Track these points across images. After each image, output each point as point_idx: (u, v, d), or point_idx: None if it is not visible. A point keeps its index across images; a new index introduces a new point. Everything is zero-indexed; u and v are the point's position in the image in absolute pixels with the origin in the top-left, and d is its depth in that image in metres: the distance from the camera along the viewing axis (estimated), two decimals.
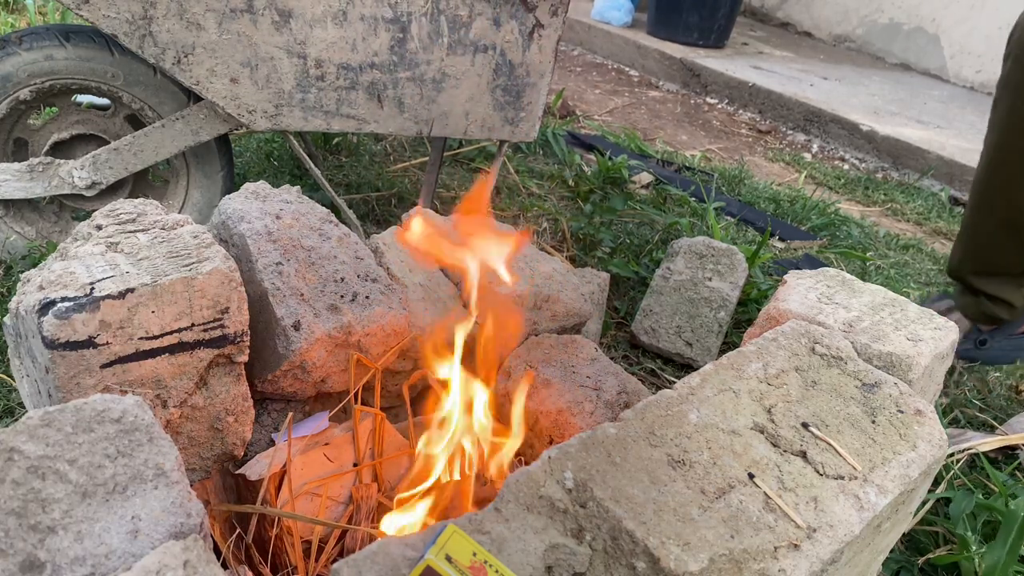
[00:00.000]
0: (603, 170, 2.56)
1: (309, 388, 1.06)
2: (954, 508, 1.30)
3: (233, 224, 1.10)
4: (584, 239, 2.15)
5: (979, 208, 1.69)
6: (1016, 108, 1.55)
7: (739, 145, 3.63)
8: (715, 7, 4.50)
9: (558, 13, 1.60)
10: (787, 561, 0.67)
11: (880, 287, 1.11)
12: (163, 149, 1.55)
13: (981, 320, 1.82)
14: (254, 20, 1.41)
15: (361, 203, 2.18)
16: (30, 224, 1.62)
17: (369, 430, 1.07)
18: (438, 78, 1.58)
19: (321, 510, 1.00)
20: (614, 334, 1.83)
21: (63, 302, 0.81)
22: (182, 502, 0.67)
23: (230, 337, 0.93)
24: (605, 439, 0.75)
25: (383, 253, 1.22)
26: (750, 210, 2.68)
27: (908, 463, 0.81)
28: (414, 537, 0.68)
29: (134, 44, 1.37)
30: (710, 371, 0.88)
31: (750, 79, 4.13)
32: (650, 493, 0.70)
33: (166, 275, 0.87)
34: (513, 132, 1.71)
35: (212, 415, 0.97)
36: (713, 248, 1.87)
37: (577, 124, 3.40)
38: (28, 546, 0.60)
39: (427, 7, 1.50)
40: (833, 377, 0.91)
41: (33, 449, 0.65)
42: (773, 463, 0.77)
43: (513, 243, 1.08)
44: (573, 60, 4.66)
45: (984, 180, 1.67)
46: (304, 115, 1.53)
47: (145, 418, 0.71)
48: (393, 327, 1.06)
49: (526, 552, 0.66)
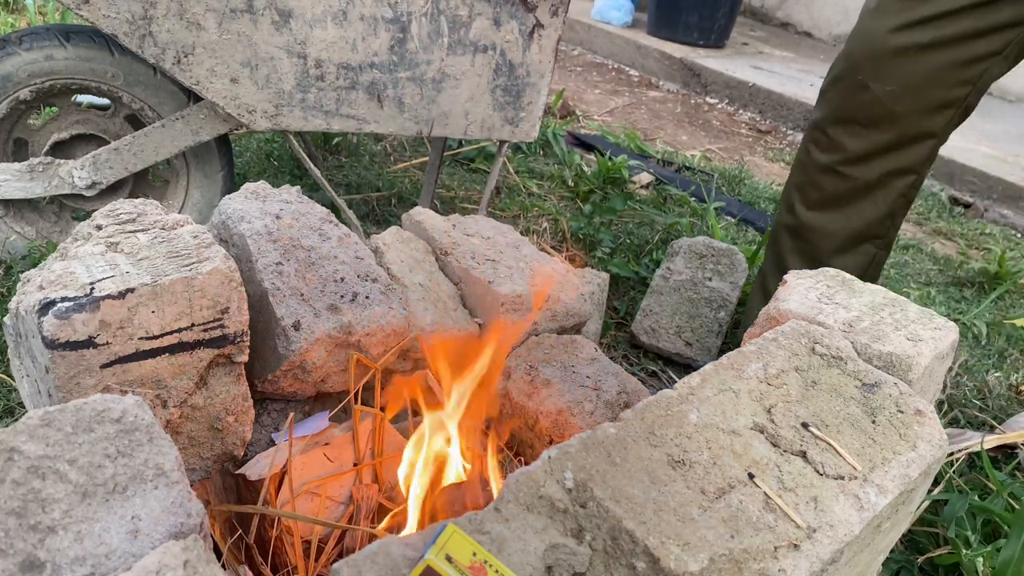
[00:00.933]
0: (603, 170, 2.57)
1: (309, 388, 1.06)
2: (948, 511, 1.29)
3: (233, 224, 1.10)
4: (584, 239, 2.15)
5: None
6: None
7: (739, 145, 3.63)
8: (715, 7, 4.50)
9: (558, 13, 1.60)
10: (787, 561, 0.67)
11: (880, 287, 1.11)
12: (163, 149, 1.55)
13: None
14: (254, 20, 1.41)
15: (361, 203, 2.18)
16: (30, 224, 1.62)
17: (369, 430, 1.07)
18: (438, 78, 1.58)
19: (321, 510, 1.00)
20: (614, 334, 1.83)
21: (63, 302, 0.81)
22: (182, 502, 0.67)
23: (230, 337, 0.93)
24: (605, 439, 0.75)
25: (383, 253, 1.22)
26: (750, 210, 2.68)
27: (908, 463, 0.81)
28: (414, 537, 0.68)
29: (134, 44, 1.37)
30: (710, 371, 0.88)
31: (750, 79, 4.13)
32: (650, 493, 0.70)
33: (166, 275, 0.87)
34: (513, 132, 1.71)
35: (212, 415, 0.97)
36: (713, 248, 1.87)
37: (577, 124, 3.40)
38: (28, 546, 0.60)
39: (427, 7, 1.50)
40: (833, 377, 0.91)
41: (33, 449, 0.65)
42: (773, 463, 0.77)
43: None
44: (573, 60, 4.66)
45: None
46: (304, 115, 1.53)
47: (145, 418, 0.71)
48: (393, 327, 1.06)
49: (526, 552, 0.66)
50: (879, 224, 1.45)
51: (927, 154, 1.39)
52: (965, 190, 3.31)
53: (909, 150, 1.38)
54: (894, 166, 1.39)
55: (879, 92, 1.32)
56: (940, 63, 1.28)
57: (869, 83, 1.32)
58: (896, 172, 1.40)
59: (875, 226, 1.45)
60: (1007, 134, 3.83)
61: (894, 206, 1.44)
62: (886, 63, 1.30)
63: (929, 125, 1.35)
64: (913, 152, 1.38)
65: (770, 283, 1.57)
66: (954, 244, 2.83)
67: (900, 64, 1.30)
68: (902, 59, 1.29)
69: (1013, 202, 3.20)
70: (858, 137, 1.38)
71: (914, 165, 1.40)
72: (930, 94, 1.31)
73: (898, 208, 1.45)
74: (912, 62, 1.29)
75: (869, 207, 1.43)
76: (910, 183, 1.42)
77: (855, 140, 1.38)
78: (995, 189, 3.24)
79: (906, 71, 1.30)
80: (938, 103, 1.32)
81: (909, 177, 1.41)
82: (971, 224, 3.02)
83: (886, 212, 1.44)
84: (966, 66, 1.29)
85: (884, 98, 1.32)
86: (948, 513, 1.28)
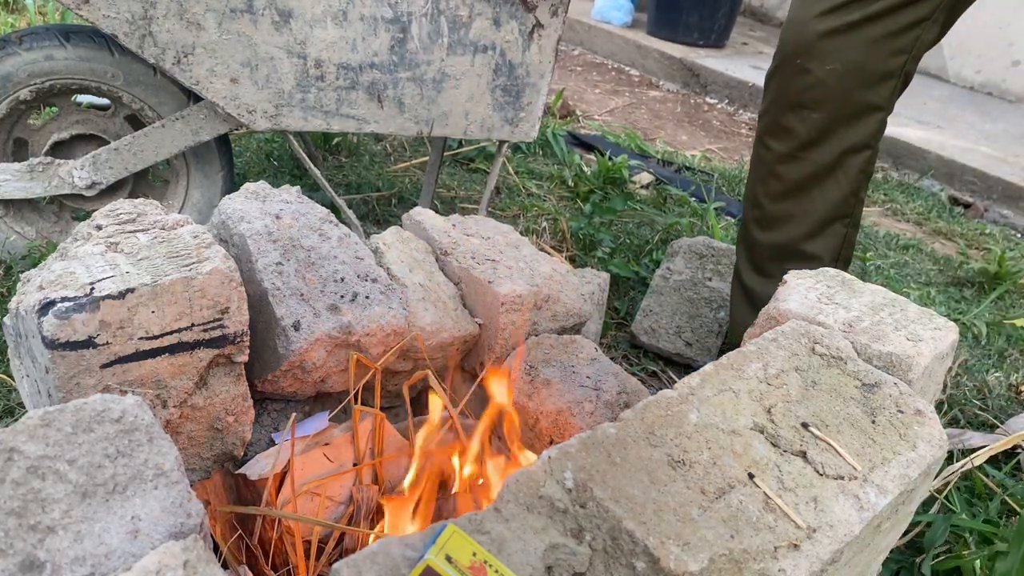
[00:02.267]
0: (603, 170, 2.56)
1: (309, 388, 1.06)
2: (928, 537, 1.27)
3: (233, 224, 1.10)
4: (584, 239, 2.15)
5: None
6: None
7: (739, 145, 3.63)
8: (715, 7, 4.50)
9: (558, 13, 1.60)
10: (787, 561, 0.67)
11: (880, 287, 1.11)
12: (163, 149, 1.55)
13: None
14: (254, 20, 1.41)
15: (361, 203, 2.18)
16: (30, 224, 1.62)
17: (369, 430, 1.07)
18: (438, 78, 1.58)
19: (320, 510, 1.00)
20: (614, 334, 1.83)
21: (63, 302, 0.81)
22: (182, 502, 0.67)
23: (230, 337, 0.93)
24: (605, 439, 0.75)
25: (383, 253, 1.22)
26: None
27: (908, 463, 0.81)
28: (414, 537, 0.68)
29: (134, 44, 1.37)
30: (710, 371, 0.88)
31: (750, 79, 4.13)
32: (650, 493, 0.70)
33: (166, 275, 0.87)
34: (513, 132, 1.71)
35: (212, 415, 0.97)
36: (713, 248, 1.87)
37: (577, 124, 3.40)
38: (28, 546, 0.60)
39: (427, 7, 1.50)
40: (833, 377, 0.91)
41: (33, 449, 0.65)
42: (773, 463, 0.77)
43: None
44: (573, 60, 4.66)
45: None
46: (304, 115, 1.53)
47: (145, 418, 0.71)
48: (393, 327, 1.06)
49: (526, 552, 0.66)
50: (844, 203, 1.47)
51: (877, 127, 1.42)
52: (965, 190, 3.31)
53: (859, 126, 1.40)
54: (848, 144, 1.41)
55: (819, 73, 1.35)
56: (872, 36, 1.32)
57: (808, 65, 1.36)
58: (851, 150, 1.42)
59: (840, 206, 1.47)
60: (1007, 134, 3.83)
61: (855, 183, 1.46)
62: (820, 46, 1.34)
63: (874, 98, 1.38)
64: (864, 127, 1.41)
65: (746, 279, 1.59)
66: (954, 244, 2.83)
67: (833, 44, 1.33)
68: (834, 40, 1.33)
69: (1013, 202, 3.20)
70: (808, 121, 1.40)
71: (867, 140, 1.42)
72: (869, 68, 1.34)
73: (859, 184, 1.47)
74: (845, 40, 1.32)
75: (832, 188, 1.46)
76: (867, 158, 1.45)
77: (805, 124, 1.40)
78: (995, 189, 3.24)
79: (841, 49, 1.33)
80: (879, 75, 1.35)
81: (865, 153, 1.44)
82: (971, 224, 3.02)
83: (849, 191, 1.46)
84: (898, 35, 1.32)
85: (826, 78, 1.35)
86: (928, 540, 1.26)
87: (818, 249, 1.49)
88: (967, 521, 1.28)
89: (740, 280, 1.60)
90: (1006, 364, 1.95)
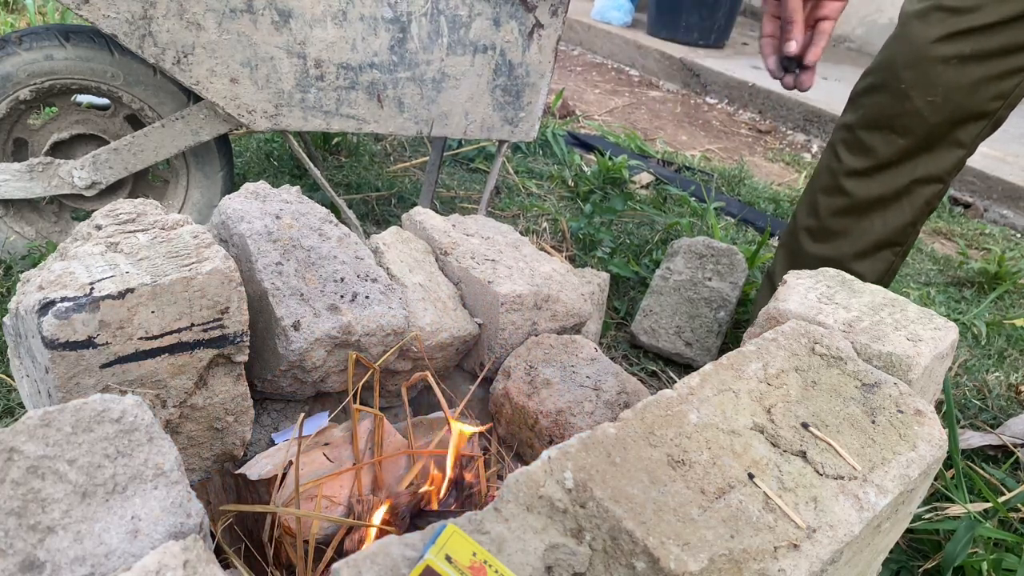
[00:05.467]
0: (603, 170, 2.57)
1: (309, 388, 1.06)
2: (949, 549, 1.24)
3: (233, 224, 1.10)
4: (584, 239, 2.15)
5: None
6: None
7: (739, 145, 3.63)
8: (715, 7, 4.50)
9: (558, 13, 1.60)
10: (787, 561, 0.67)
11: (880, 287, 1.11)
12: (163, 149, 1.55)
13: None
14: (254, 20, 1.41)
15: (361, 203, 2.18)
16: (30, 224, 1.62)
17: (369, 430, 1.07)
18: (438, 78, 1.58)
19: (319, 510, 0.99)
20: (614, 334, 1.83)
21: (63, 302, 0.81)
22: (182, 502, 0.67)
23: (230, 337, 0.93)
24: (605, 439, 0.75)
25: (383, 253, 1.22)
26: (750, 210, 2.68)
27: (908, 463, 0.81)
28: (414, 537, 0.68)
29: (134, 44, 1.37)
30: (710, 371, 0.88)
31: (750, 79, 4.13)
32: (650, 493, 0.70)
33: (166, 275, 0.87)
34: (513, 132, 1.71)
35: (212, 415, 0.97)
36: (713, 248, 1.87)
37: (577, 124, 3.40)
38: (28, 546, 0.60)
39: (427, 7, 1.50)
40: (833, 377, 0.91)
41: (33, 449, 0.65)
42: (773, 463, 0.77)
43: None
44: (573, 60, 4.66)
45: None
46: (304, 115, 1.53)
47: (145, 418, 0.71)
48: (393, 327, 1.06)
49: (526, 552, 0.66)
50: (902, 231, 1.46)
51: (955, 164, 1.40)
52: (965, 190, 3.31)
53: (939, 158, 1.38)
54: (923, 173, 1.40)
55: (920, 102, 1.33)
56: (979, 75, 1.29)
57: (911, 92, 1.33)
58: (924, 180, 1.40)
59: (898, 233, 1.46)
60: (1007, 134, 3.83)
61: (918, 213, 1.45)
62: (929, 72, 1.31)
63: (962, 136, 1.36)
64: (942, 160, 1.39)
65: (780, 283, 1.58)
66: (954, 244, 2.83)
67: (943, 74, 1.30)
68: (946, 69, 1.30)
69: (1013, 202, 3.20)
70: (891, 144, 1.38)
71: (941, 174, 1.40)
72: (967, 105, 1.32)
73: (921, 215, 1.45)
74: (955, 73, 1.30)
75: (895, 213, 1.44)
76: (936, 192, 1.43)
77: (888, 146, 1.39)
78: (995, 189, 3.24)
79: (949, 82, 1.30)
80: (973, 114, 1.33)
81: (936, 186, 1.42)
82: (971, 224, 3.02)
83: (910, 219, 1.45)
84: (1002, 79, 1.30)
85: (924, 108, 1.33)
86: (950, 551, 1.23)
87: (864, 270, 1.47)
88: (990, 530, 1.26)
89: (773, 284, 1.59)
90: (1006, 364, 1.95)
